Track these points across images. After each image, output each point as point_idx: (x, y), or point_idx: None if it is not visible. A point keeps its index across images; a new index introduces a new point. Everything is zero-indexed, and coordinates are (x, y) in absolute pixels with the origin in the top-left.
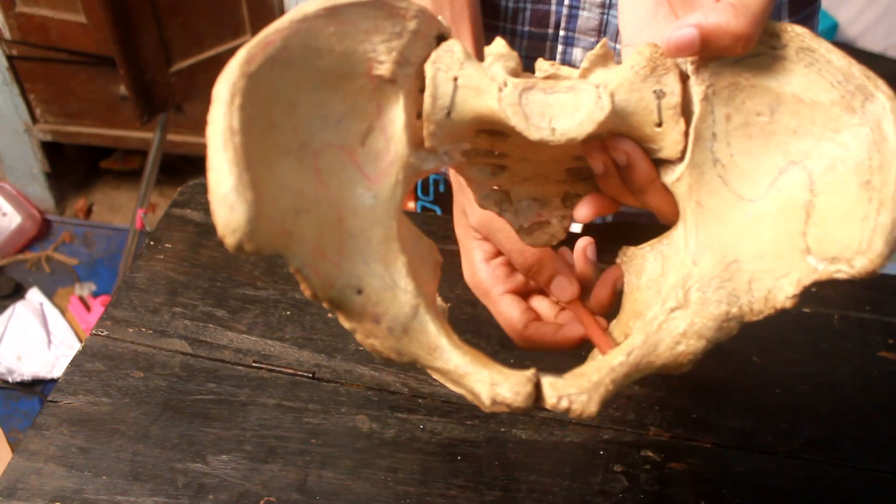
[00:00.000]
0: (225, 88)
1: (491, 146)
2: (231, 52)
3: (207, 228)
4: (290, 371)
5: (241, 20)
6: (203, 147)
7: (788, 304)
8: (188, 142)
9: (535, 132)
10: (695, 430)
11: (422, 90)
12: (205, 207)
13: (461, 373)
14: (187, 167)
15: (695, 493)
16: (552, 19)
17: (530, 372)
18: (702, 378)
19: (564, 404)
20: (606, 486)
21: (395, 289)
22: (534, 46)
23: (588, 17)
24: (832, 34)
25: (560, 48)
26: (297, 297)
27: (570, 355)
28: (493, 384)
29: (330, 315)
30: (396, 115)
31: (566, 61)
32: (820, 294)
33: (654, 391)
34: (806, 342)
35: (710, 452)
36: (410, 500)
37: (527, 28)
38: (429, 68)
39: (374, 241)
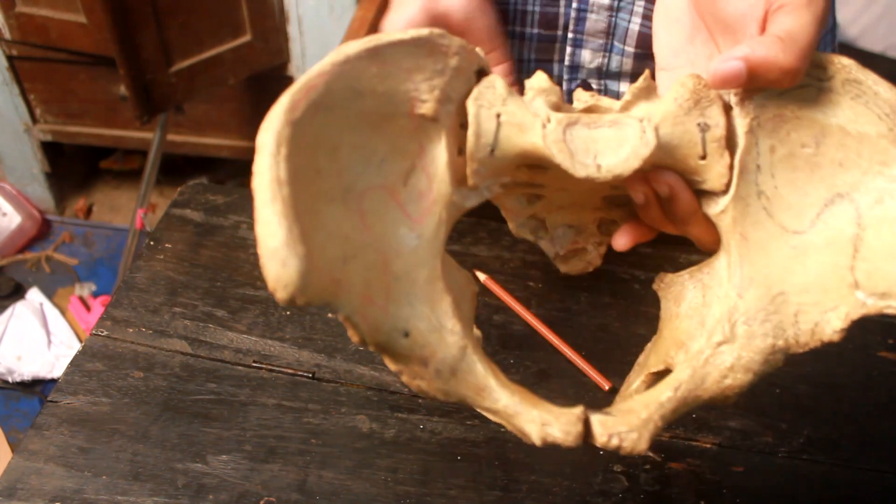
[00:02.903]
0: (270, 138)
1: (530, 178)
2: (231, 52)
3: (207, 228)
4: (290, 371)
5: (241, 20)
6: (203, 147)
7: (836, 338)
8: (188, 142)
9: (581, 170)
10: (695, 430)
11: (463, 126)
12: (205, 207)
13: (510, 413)
14: (187, 167)
15: (695, 493)
16: (560, 21)
17: (579, 410)
18: None
19: (615, 442)
20: (606, 486)
21: (441, 330)
22: (542, 48)
23: (596, 19)
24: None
25: (569, 50)
26: None
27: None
28: (543, 424)
29: (330, 315)
30: (439, 154)
31: (574, 63)
32: None
33: None
34: None
35: (710, 452)
36: (410, 500)
37: (535, 30)
38: (471, 106)
39: (420, 282)
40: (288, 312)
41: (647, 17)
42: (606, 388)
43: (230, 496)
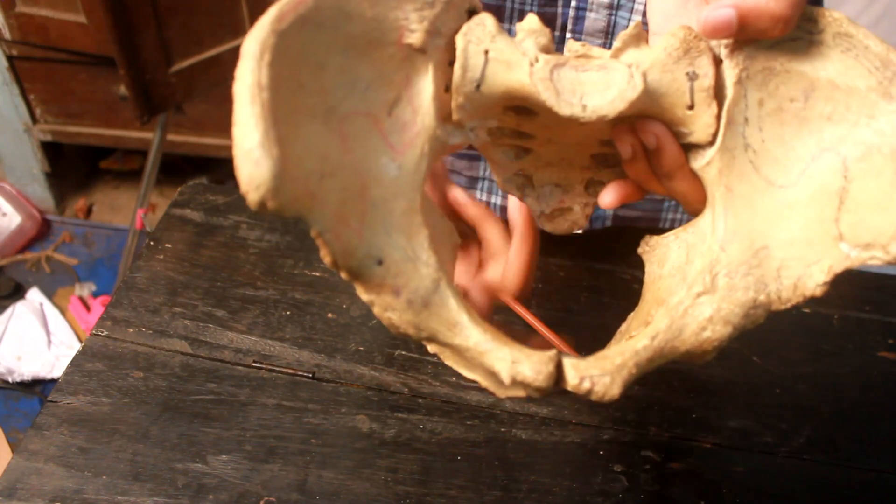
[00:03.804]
0: (254, 44)
1: (518, 125)
2: (231, 52)
3: (207, 228)
4: (290, 371)
5: (241, 20)
6: (203, 147)
7: (818, 292)
8: (188, 142)
9: (565, 108)
10: (695, 430)
11: (451, 63)
12: (205, 207)
13: (481, 350)
14: (187, 167)
15: (695, 493)
16: (559, 21)
17: (552, 352)
18: (702, 378)
19: (587, 385)
20: (606, 486)
21: (416, 261)
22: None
23: (595, 18)
24: None
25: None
26: (297, 297)
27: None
28: (513, 362)
29: (330, 315)
30: (425, 86)
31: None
32: None
33: (654, 391)
34: (806, 342)
35: (710, 452)
36: (410, 500)
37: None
38: (460, 40)
39: (397, 212)
40: (288, 312)
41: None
42: None
43: (230, 496)
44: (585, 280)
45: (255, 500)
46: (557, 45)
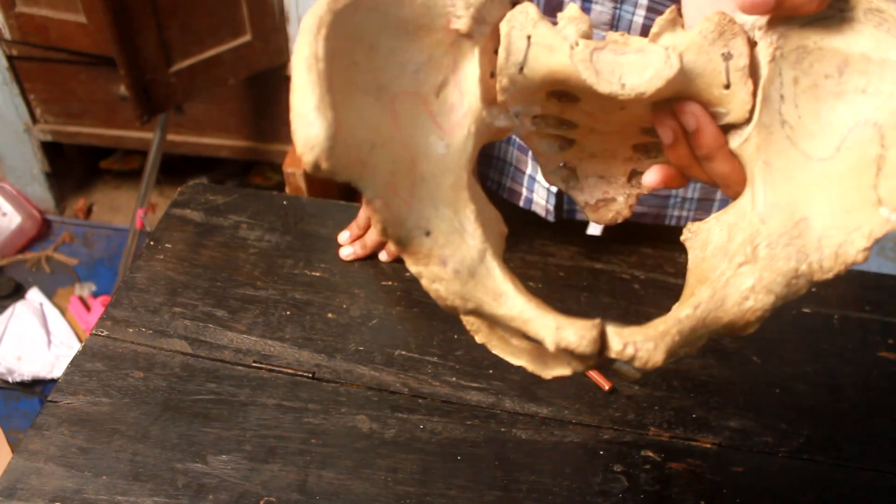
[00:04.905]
0: (312, 20)
1: (561, 112)
2: (231, 52)
3: (207, 228)
4: (290, 371)
5: (241, 20)
6: (203, 147)
7: (860, 258)
8: (188, 142)
9: (605, 86)
10: (695, 430)
11: (496, 50)
12: (205, 207)
13: (525, 318)
14: (187, 167)
15: (695, 493)
16: None
17: (596, 320)
18: (702, 378)
19: (630, 351)
20: (606, 486)
21: (463, 233)
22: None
23: (601, 10)
24: None
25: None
26: (297, 297)
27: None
28: (558, 328)
29: (330, 315)
30: (471, 70)
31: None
32: (820, 294)
33: (654, 391)
34: (806, 342)
35: (710, 452)
36: (410, 500)
37: None
38: (504, 26)
39: (445, 186)
40: (288, 312)
41: (652, 9)
42: (607, 388)
43: (230, 496)
44: (585, 280)
45: (255, 500)
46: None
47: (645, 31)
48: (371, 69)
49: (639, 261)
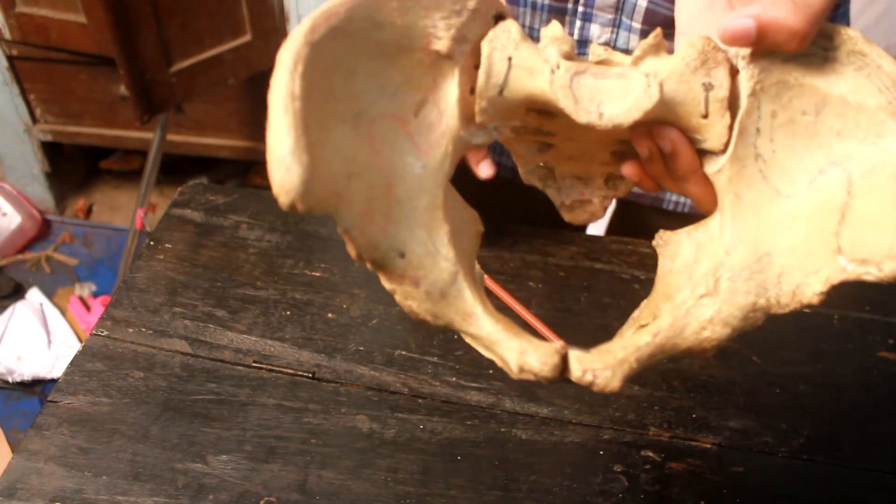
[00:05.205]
0: (289, 55)
1: (539, 125)
2: (231, 52)
3: (207, 228)
4: (290, 371)
5: (241, 20)
6: (203, 147)
7: (815, 300)
8: (188, 142)
9: (583, 115)
10: (695, 430)
11: (477, 66)
12: (205, 207)
13: (492, 339)
14: (187, 167)
15: (695, 493)
16: None
17: (559, 344)
18: (702, 378)
19: (589, 378)
20: (606, 486)
21: (436, 255)
22: (552, 20)
23: None
24: None
25: (578, 24)
26: (297, 297)
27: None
28: (521, 353)
29: (330, 315)
30: (450, 90)
31: (583, 38)
32: None
33: (654, 391)
34: (806, 342)
35: (710, 452)
36: (410, 500)
37: (546, 0)
38: (485, 46)
39: (420, 208)
40: (288, 312)
41: None
42: None
43: (230, 496)
44: (585, 280)
45: (255, 500)
46: (570, 17)
47: (648, 16)
48: (349, 96)
49: (639, 261)
